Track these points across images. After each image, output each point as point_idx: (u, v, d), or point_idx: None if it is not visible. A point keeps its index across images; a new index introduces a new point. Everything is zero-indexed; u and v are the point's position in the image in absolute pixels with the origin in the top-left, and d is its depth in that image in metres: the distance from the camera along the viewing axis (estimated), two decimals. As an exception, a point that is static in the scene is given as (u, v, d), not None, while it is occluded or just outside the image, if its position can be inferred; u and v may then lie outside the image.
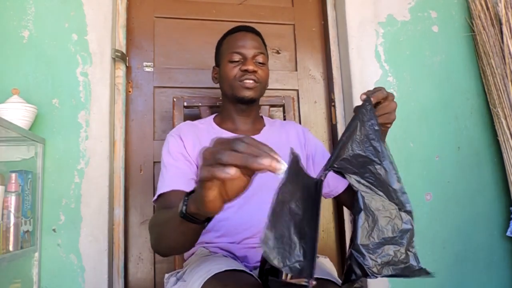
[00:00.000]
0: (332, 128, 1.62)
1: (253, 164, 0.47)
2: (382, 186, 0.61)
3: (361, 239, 0.58)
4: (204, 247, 1.04)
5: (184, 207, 0.60)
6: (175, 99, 1.33)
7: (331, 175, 1.12)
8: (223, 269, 0.73)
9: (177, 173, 0.97)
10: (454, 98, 1.63)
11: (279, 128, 1.17)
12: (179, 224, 0.63)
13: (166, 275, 1.03)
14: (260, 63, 1.09)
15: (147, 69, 1.52)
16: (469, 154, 1.60)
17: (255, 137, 1.09)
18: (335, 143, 1.60)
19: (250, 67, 1.05)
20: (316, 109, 1.65)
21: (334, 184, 1.10)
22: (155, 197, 0.95)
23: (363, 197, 0.60)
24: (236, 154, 0.47)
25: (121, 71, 1.45)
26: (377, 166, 0.62)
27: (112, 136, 1.39)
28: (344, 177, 0.64)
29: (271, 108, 1.43)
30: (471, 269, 1.52)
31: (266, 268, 0.82)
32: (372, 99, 0.70)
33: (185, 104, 1.33)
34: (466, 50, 1.69)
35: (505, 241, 1.56)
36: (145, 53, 1.53)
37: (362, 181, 0.61)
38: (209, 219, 0.62)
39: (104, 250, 1.27)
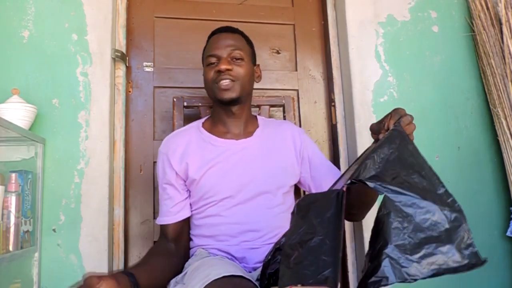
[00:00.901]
0: (332, 128, 1.62)
1: None
2: (417, 191, 0.58)
3: (395, 241, 0.54)
4: (203, 248, 1.04)
5: None
6: (175, 99, 1.33)
7: (321, 173, 1.14)
8: (221, 275, 0.73)
9: (166, 207, 1.09)
10: (454, 98, 1.63)
11: (274, 129, 1.16)
12: None
13: None
14: (237, 59, 1.07)
15: (147, 69, 1.52)
16: (469, 154, 1.60)
17: (247, 140, 1.10)
18: (335, 143, 1.60)
19: (223, 67, 1.03)
20: (316, 109, 1.65)
21: (318, 184, 1.12)
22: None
23: (391, 200, 0.56)
24: None
25: (121, 71, 1.45)
26: (413, 176, 0.60)
27: (112, 136, 1.39)
28: (366, 184, 0.61)
29: (271, 108, 1.43)
30: (471, 269, 1.51)
31: (269, 272, 0.82)
32: (402, 124, 0.71)
33: (185, 104, 1.33)
34: (466, 50, 1.69)
35: (505, 241, 1.56)
36: (145, 53, 1.53)
37: (390, 186, 0.58)
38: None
39: (104, 250, 1.27)
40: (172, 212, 1.08)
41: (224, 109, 1.10)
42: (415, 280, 0.53)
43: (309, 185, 1.14)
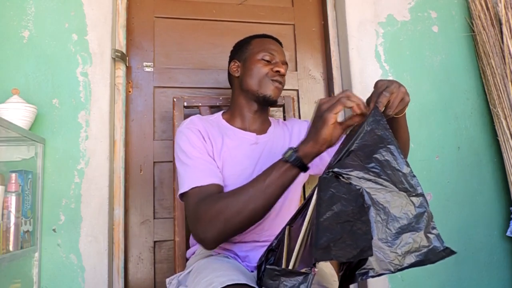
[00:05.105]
0: (332, 128, 1.62)
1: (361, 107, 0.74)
2: (389, 173, 0.61)
3: (378, 234, 0.57)
4: None
5: (294, 153, 0.78)
6: (175, 99, 1.33)
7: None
8: (225, 284, 0.72)
9: (209, 167, 0.94)
10: (454, 98, 1.63)
11: (282, 127, 1.18)
12: (279, 177, 0.80)
13: (168, 279, 1.03)
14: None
15: (147, 69, 1.52)
16: (469, 154, 1.60)
17: (262, 136, 1.11)
18: (335, 143, 1.60)
19: (282, 70, 1.10)
20: (316, 109, 1.65)
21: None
22: (186, 189, 0.91)
23: (368, 193, 0.60)
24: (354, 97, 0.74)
25: (121, 71, 1.45)
26: (384, 153, 0.62)
27: (112, 136, 1.39)
28: (342, 178, 0.63)
29: (271, 108, 1.43)
30: (471, 269, 1.52)
31: (263, 273, 0.81)
32: (379, 106, 0.72)
33: (185, 104, 1.33)
34: (466, 50, 1.69)
35: (505, 241, 1.56)
36: (145, 53, 1.53)
37: (366, 175, 0.61)
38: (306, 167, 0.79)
39: (104, 250, 1.27)
40: (219, 176, 0.95)
41: (252, 104, 1.12)
42: (398, 270, 0.56)
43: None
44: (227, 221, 0.81)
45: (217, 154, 1.02)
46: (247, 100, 1.12)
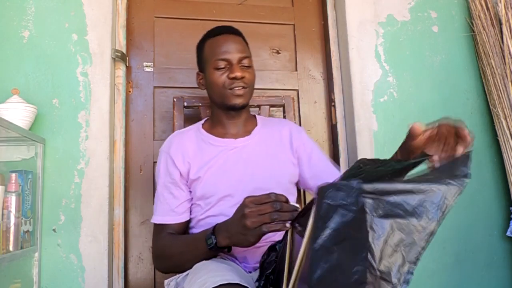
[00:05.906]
0: (332, 128, 1.62)
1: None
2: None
3: (377, 259, 0.48)
4: None
5: (214, 241, 0.83)
6: (175, 99, 1.33)
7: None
8: (218, 283, 0.73)
9: (166, 208, 1.05)
10: (454, 98, 1.63)
11: (273, 128, 1.16)
12: (203, 254, 0.88)
13: (166, 281, 1.04)
14: (246, 66, 1.07)
15: (147, 69, 1.52)
16: (469, 154, 1.60)
17: (245, 138, 1.11)
18: (335, 143, 1.59)
19: (238, 74, 1.03)
20: (316, 109, 1.65)
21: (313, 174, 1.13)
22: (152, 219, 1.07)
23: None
24: (272, 216, 0.72)
25: (121, 71, 1.45)
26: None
27: (112, 136, 1.39)
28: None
29: (271, 108, 1.43)
30: (471, 269, 1.52)
31: (267, 273, 0.81)
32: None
33: (185, 104, 1.33)
34: (466, 50, 1.69)
35: (505, 241, 1.56)
36: (145, 53, 1.53)
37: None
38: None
39: (104, 250, 1.27)
40: (177, 212, 1.04)
41: (227, 112, 1.10)
42: None
43: (309, 185, 1.13)
44: (166, 266, 1.00)
45: (196, 169, 1.04)
46: (221, 109, 1.10)
